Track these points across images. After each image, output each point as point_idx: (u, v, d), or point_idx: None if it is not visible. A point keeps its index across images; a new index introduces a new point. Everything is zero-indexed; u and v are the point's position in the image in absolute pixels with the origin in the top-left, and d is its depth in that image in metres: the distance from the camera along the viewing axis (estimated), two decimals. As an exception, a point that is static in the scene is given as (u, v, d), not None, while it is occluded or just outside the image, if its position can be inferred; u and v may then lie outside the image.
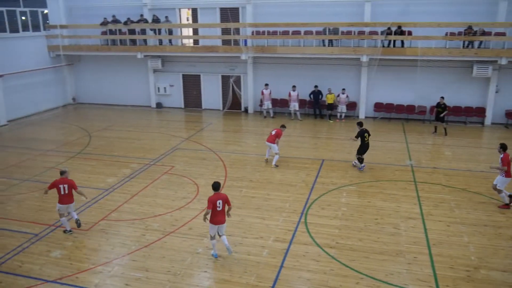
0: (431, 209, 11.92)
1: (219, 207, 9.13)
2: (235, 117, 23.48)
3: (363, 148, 15.05)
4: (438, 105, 19.42)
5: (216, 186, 9.29)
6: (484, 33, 20.43)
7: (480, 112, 21.79)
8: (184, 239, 10.34)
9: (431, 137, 19.50)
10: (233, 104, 24.84)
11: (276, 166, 15.34)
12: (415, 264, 9.27)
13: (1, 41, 22.38)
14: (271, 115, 23.29)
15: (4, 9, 22.56)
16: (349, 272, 8.95)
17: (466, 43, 20.78)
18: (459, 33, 20.82)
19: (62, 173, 10.64)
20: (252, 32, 23.23)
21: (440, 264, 9.26)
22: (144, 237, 10.48)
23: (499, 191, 12.00)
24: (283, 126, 15.93)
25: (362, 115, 22.93)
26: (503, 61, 20.11)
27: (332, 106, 22.50)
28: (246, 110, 24.72)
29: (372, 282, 8.61)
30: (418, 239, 10.29)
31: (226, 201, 9.28)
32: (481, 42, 20.70)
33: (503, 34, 20.65)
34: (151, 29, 24.29)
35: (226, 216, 9.38)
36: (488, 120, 21.75)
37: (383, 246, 9.97)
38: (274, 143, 15.33)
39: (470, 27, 20.29)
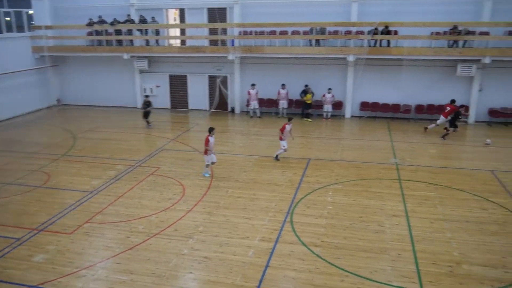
0: (415, 206, 12.04)
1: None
2: (222, 118, 23.47)
3: None
4: (459, 113, 18.96)
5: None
6: (468, 33, 20.68)
7: (463, 110, 22.02)
8: (169, 240, 10.30)
9: (416, 135, 19.67)
10: (219, 105, 24.81)
11: (277, 159, 15.80)
12: (399, 261, 9.35)
13: (-16, 43, 22.12)
14: (258, 115, 23.31)
15: (-13, 10, 22.32)
16: (334, 270, 9.00)
17: (451, 42, 21.02)
18: (445, 33, 21.06)
19: None
20: (240, 32, 23.24)
21: (423, 260, 9.35)
22: (128, 239, 10.43)
23: None
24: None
25: (348, 115, 23.08)
26: (487, 60, 20.38)
27: (310, 106, 22.62)
28: (233, 110, 24.72)
29: (357, 280, 8.68)
30: (402, 236, 10.39)
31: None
32: (465, 42, 20.94)
33: (487, 33, 20.93)
34: (138, 30, 24.18)
35: None
36: (471, 118, 22.04)
37: (368, 244, 10.05)
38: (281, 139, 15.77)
39: (455, 27, 20.53)
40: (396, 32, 21.59)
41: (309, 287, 8.41)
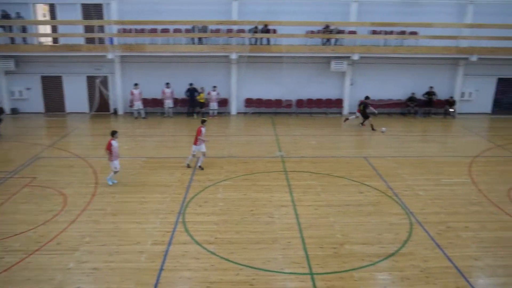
0: (300, 195, 12.75)
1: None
2: (104, 120, 22.30)
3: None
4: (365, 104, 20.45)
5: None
6: (339, 32, 22.41)
7: (338, 103, 23.92)
8: (51, 256, 9.49)
9: (298, 128, 20.81)
10: (101, 106, 23.46)
11: (201, 168, 14.84)
12: (289, 248, 9.83)
13: None
14: (143, 116, 22.62)
15: None
16: (229, 265, 9.14)
17: (324, 40, 22.58)
18: (318, 31, 22.55)
19: None
20: (118, 30, 22.27)
21: (311, 245, 9.96)
22: (3, 260, 9.38)
23: None
24: (202, 121, 14.91)
25: (233, 111, 23.55)
26: (355, 57, 22.31)
27: (203, 105, 22.71)
28: (115, 112, 23.64)
29: (251, 271, 8.92)
30: (291, 225, 10.93)
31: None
32: (336, 40, 22.65)
33: (355, 32, 22.90)
34: (0, 26, 21.76)
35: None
36: (345, 110, 24.00)
37: (260, 236, 10.38)
38: (197, 144, 14.73)
39: (327, 26, 22.09)
40: (274, 31, 22.54)
41: (206, 285, 8.43)
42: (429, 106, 23.83)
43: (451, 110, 23.61)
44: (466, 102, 24.48)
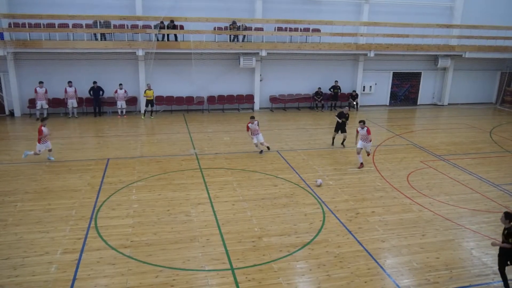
0: (217, 192, 12.76)
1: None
2: (-1, 123, 20.38)
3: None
4: (342, 114, 17.48)
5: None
6: (246, 28, 22.70)
7: (249, 99, 24.28)
8: None
9: (211, 125, 20.77)
10: (-6, 108, 21.47)
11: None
12: (208, 246, 9.79)
13: None
14: (45, 115, 21.04)
15: None
16: (148, 268, 8.87)
17: (232, 37, 22.74)
18: (226, 28, 22.64)
19: None
20: (9, 24, 20.41)
21: (230, 240, 10.01)
22: None
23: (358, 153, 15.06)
24: (252, 117, 16.13)
25: (142, 109, 22.83)
26: (263, 53, 22.81)
27: (153, 103, 21.79)
28: (11, 114, 21.71)
29: (171, 272, 8.75)
30: (209, 222, 10.90)
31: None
32: (244, 36, 22.94)
33: (261, 29, 23.36)
34: None
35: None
36: (256, 105, 24.45)
37: (178, 235, 10.21)
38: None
39: (234, 22, 22.25)
40: (182, 27, 22.21)
41: (124, 290, 8.11)
42: (334, 100, 25.18)
43: (354, 103, 25.16)
44: (367, 95, 26.28)
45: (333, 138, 17.88)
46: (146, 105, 21.96)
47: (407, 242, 10.14)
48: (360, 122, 15.04)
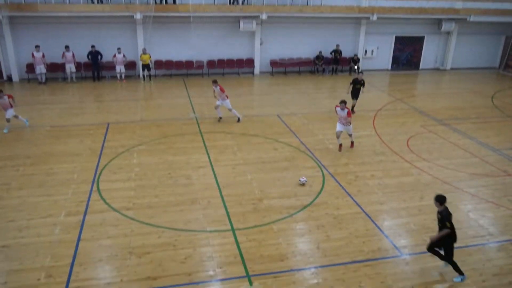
0: (217, 155, 12.83)
1: None
2: (-3, 88, 20.24)
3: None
4: (357, 81, 16.84)
5: None
6: (245, -10, 22.20)
7: (249, 63, 24.02)
8: (-50, 236, 8.67)
9: (211, 89, 20.62)
10: (-9, 73, 21.28)
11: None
12: (209, 208, 9.94)
13: None
14: (43, 81, 20.93)
15: None
16: (150, 229, 9.04)
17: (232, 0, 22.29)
18: (224, -10, 22.14)
19: None
20: (3, -14, 19.96)
21: (230, 203, 10.15)
22: None
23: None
24: (214, 81, 15.61)
25: (141, 74, 22.60)
26: (264, 16, 22.36)
27: (149, 67, 21.58)
28: (10, 79, 21.54)
29: (173, 233, 8.91)
30: (210, 185, 11.01)
31: None
32: (244, -1, 22.47)
33: (261, -10, 22.85)
34: None
35: None
36: (257, 70, 24.22)
37: (179, 198, 10.34)
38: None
39: (234, -16, 21.74)
40: (180, -11, 21.71)
41: (128, 250, 8.28)
42: (335, 64, 24.90)
43: (356, 67, 24.90)
44: (368, 59, 25.96)
45: (353, 106, 17.01)
46: (143, 70, 21.76)
47: (405, 204, 10.28)
48: (341, 102, 13.19)
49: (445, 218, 7.21)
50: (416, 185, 11.26)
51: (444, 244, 7.46)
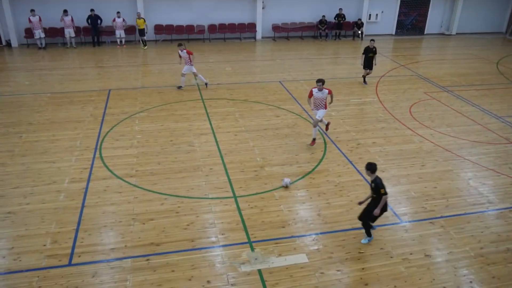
0: (219, 122, 12.82)
1: None
2: (-3, 53, 20.05)
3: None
4: (369, 50, 16.09)
5: None
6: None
7: (251, 27, 23.60)
8: (-44, 202, 8.80)
9: (212, 55, 20.39)
10: (-11, 38, 21.01)
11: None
12: (211, 175, 10.02)
13: None
14: (43, 46, 20.69)
15: None
16: (153, 196, 9.15)
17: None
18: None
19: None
20: None
21: (232, 170, 10.22)
22: None
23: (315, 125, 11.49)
24: (179, 45, 15.19)
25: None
26: (266, -22, 21.81)
27: (144, 32, 21.24)
28: (9, 44, 21.28)
29: (176, 200, 9.02)
30: (212, 152, 11.06)
31: None
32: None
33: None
34: None
35: None
36: (258, 35, 23.82)
37: (181, 165, 10.41)
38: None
39: None
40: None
41: (131, 217, 8.41)
42: (339, 29, 24.45)
43: (359, 32, 24.46)
44: (372, 24, 25.47)
45: (364, 77, 16.55)
46: (140, 34, 21.43)
47: (406, 172, 10.33)
48: (318, 81, 10.98)
49: (380, 185, 7.18)
50: (418, 153, 11.28)
51: (371, 210, 7.43)
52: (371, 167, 7.24)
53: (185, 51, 14.82)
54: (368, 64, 16.21)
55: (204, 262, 7.26)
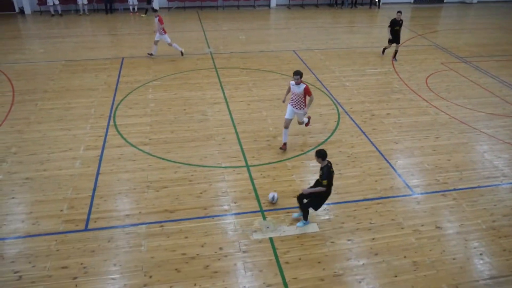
0: (232, 92, 12.77)
1: None
2: (9, 21, 20.02)
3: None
4: (395, 22, 15.10)
5: None
6: None
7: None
8: (-24, 168, 9.03)
9: (225, 23, 20.11)
10: (2, 5, 20.89)
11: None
12: (224, 144, 10.07)
13: None
14: (59, 12, 20.62)
15: None
16: (167, 164, 9.25)
17: None
18: None
19: None
20: None
21: (245, 139, 10.25)
22: None
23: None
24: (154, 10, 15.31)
25: (156, 6, 22.06)
26: None
27: (150, 0, 21.06)
28: (22, 11, 21.22)
29: (189, 168, 9.12)
30: (225, 121, 11.07)
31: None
32: None
33: None
34: None
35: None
36: (273, 2, 23.35)
37: (194, 134, 10.46)
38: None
39: None
40: None
41: (145, 184, 8.55)
42: (355, -4, 23.83)
43: (376, 0, 23.81)
44: (390, -9, 24.75)
45: (384, 49, 15.90)
46: (148, 3, 21.13)
47: (420, 144, 10.25)
48: (295, 74, 9.25)
49: (324, 176, 6.93)
50: (433, 125, 11.14)
51: (316, 197, 7.21)
52: (322, 155, 6.96)
53: (157, 17, 14.59)
54: (395, 38, 15.19)
55: (216, 229, 7.39)
